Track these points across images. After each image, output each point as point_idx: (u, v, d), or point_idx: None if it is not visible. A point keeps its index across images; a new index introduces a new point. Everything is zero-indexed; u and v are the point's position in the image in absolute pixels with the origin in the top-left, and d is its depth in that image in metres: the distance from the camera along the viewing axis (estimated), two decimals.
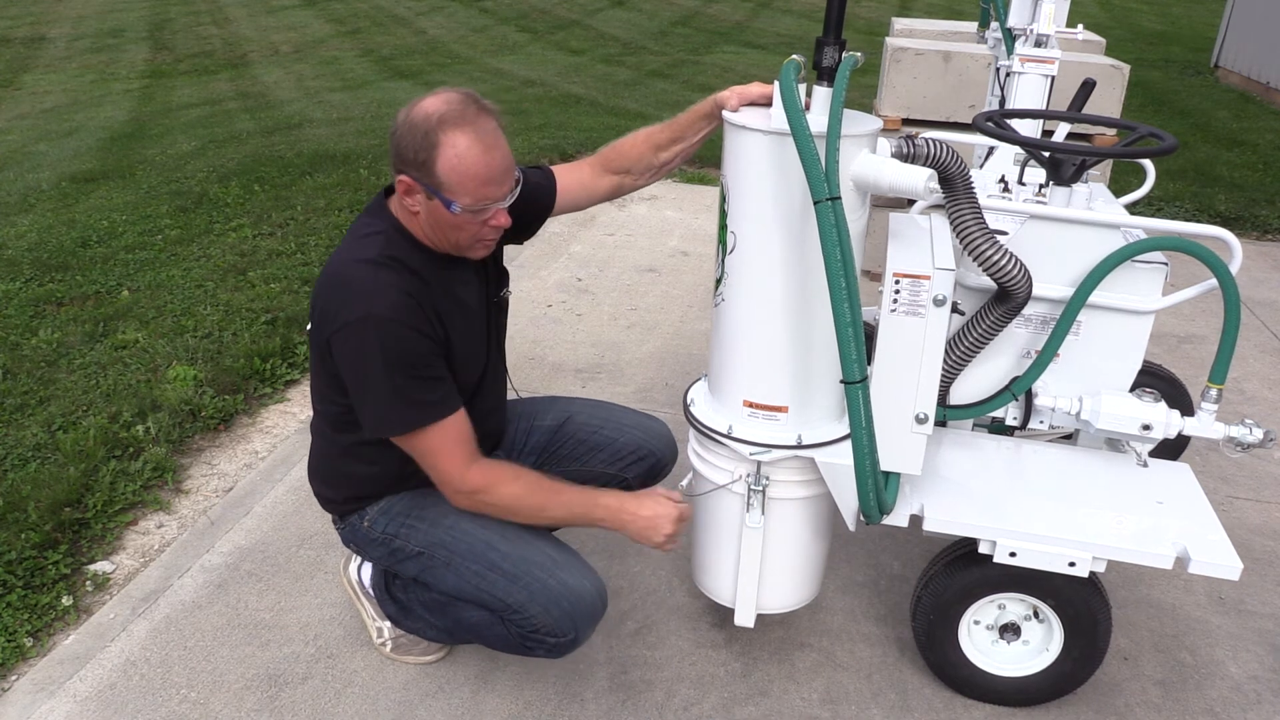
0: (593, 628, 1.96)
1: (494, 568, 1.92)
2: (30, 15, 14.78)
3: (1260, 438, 2.03)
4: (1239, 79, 9.98)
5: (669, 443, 2.32)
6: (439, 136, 1.69)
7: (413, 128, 1.71)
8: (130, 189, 5.79)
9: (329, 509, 2.11)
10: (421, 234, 1.86)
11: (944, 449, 2.18)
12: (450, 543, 1.96)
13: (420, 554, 1.98)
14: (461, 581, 1.95)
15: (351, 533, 2.06)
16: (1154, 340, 3.77)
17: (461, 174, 1.71)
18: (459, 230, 1.80)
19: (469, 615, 2.01)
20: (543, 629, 1.90)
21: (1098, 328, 2.07)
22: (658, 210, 5.58)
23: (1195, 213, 5.71)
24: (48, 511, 2.65)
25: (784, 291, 1.82)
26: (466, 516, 1.96)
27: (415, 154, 1.71)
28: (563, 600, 1.89)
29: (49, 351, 3.63)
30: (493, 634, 1.99)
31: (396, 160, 1.75)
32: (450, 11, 14.46)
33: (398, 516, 2.00)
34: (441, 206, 1.75)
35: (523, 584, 1.90)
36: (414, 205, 1.79)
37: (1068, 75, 3.60)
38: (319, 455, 2.07)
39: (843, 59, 1.71)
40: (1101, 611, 1.98)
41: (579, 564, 1.95)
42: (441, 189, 1.72)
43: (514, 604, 1.90)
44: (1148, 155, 1.98)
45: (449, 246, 1.86)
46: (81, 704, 2.07)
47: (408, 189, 1.76)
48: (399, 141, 1.73)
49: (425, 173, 1.72)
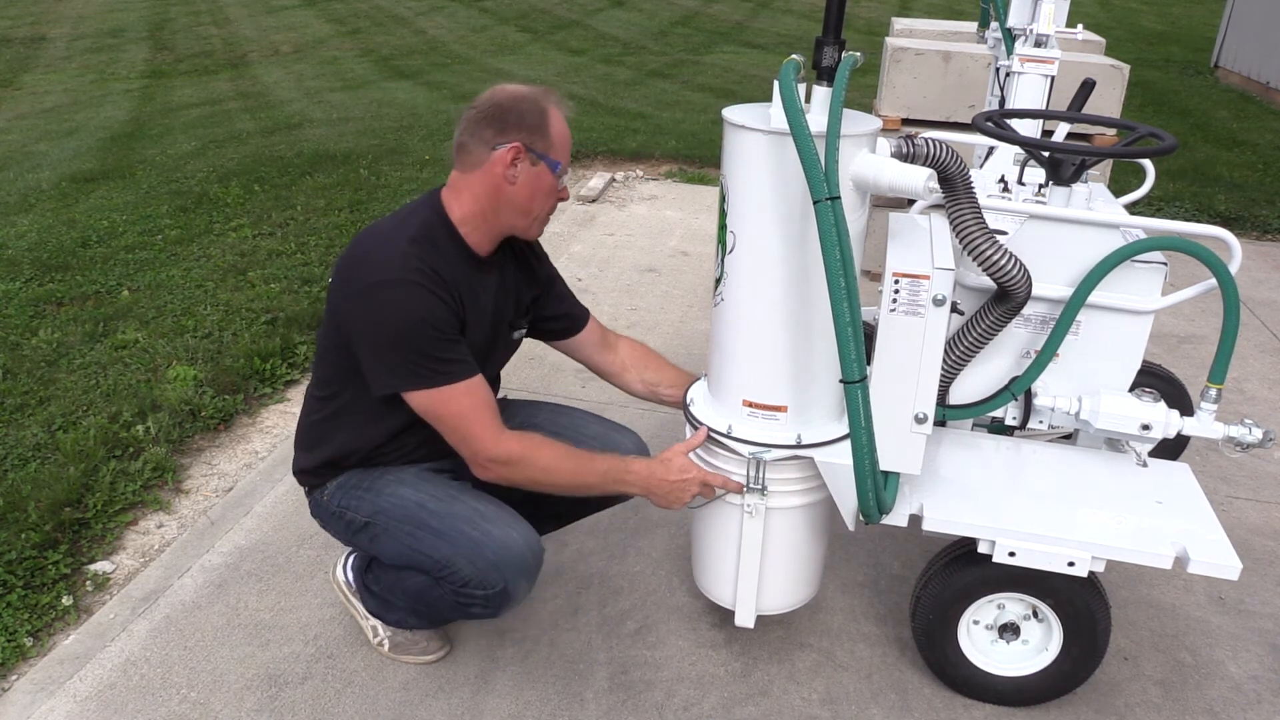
0: (525, 580, 1.93)
1: (423, 525, 1.94)
2: (30, 15, 14.78)
3: (1260, 437, 2.03)
4: (1239, 79, 9.98)
5: (637, 444, 2.24)
6: (546, 106, 1.88)
7: (522, 99, 1.87)
8: (130, 189, 5.80)
9: (303, 480, 2.12)
10: (483, 221, 1.91)
11: (943, 449, 2.18)
12: (388, 509, 1.98)
13: (367, 524, 2.00)
14: (399, 544, 1.97)
15: (316, 507, 2.10)
16: (1154, 340, 3.77)
17: (563, 138, 1.91)
18: (548, 199, 1.93)
19: (412, 582, 2.02)
20: (471, 582, 1.89)
21: (1097, 328, 2.07)
22: (658, 210, 5.58)
23: (1195, 213, 5.71)
24: (48, 511, 2.65)
25: (783, 291, 1.82)
26: (405, 484, 1.99)
27: (530, 119, 1.86)
28: (486, 550, 1.88)
29: (49, 351, 3.63)
30: (434, 597, 1.99)
31: (499, 131, 1.85)
32: (450, 11, 14.46)
33: (351, 490, 2.02)
34: (547, 170, 1.89)
35: (448, 538, 1.91)
36: (513, 175, 1.87)
37: (1068, 75, 3.60)
38: (304, 418, 2.09)
39: (842, 59, 1.71)
40: (1101, 611, 1.98)
41: (507, 516, 1.95)
42: (550, 151, 1.88)
43: (441, 559, 1.91)
44: (1147, 155, 1.98)
45: (519, 225, 1.95)
46: (81, 704, 2.07)
47: (516, 156, 1.86)
48: (506, 112, 1.85)
49: (539, 136, 1.87)
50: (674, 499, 1.98)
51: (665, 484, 1.97)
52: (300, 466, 2.10)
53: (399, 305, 1.79)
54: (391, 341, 1.81)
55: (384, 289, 1.80)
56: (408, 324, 1.79)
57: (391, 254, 1.83)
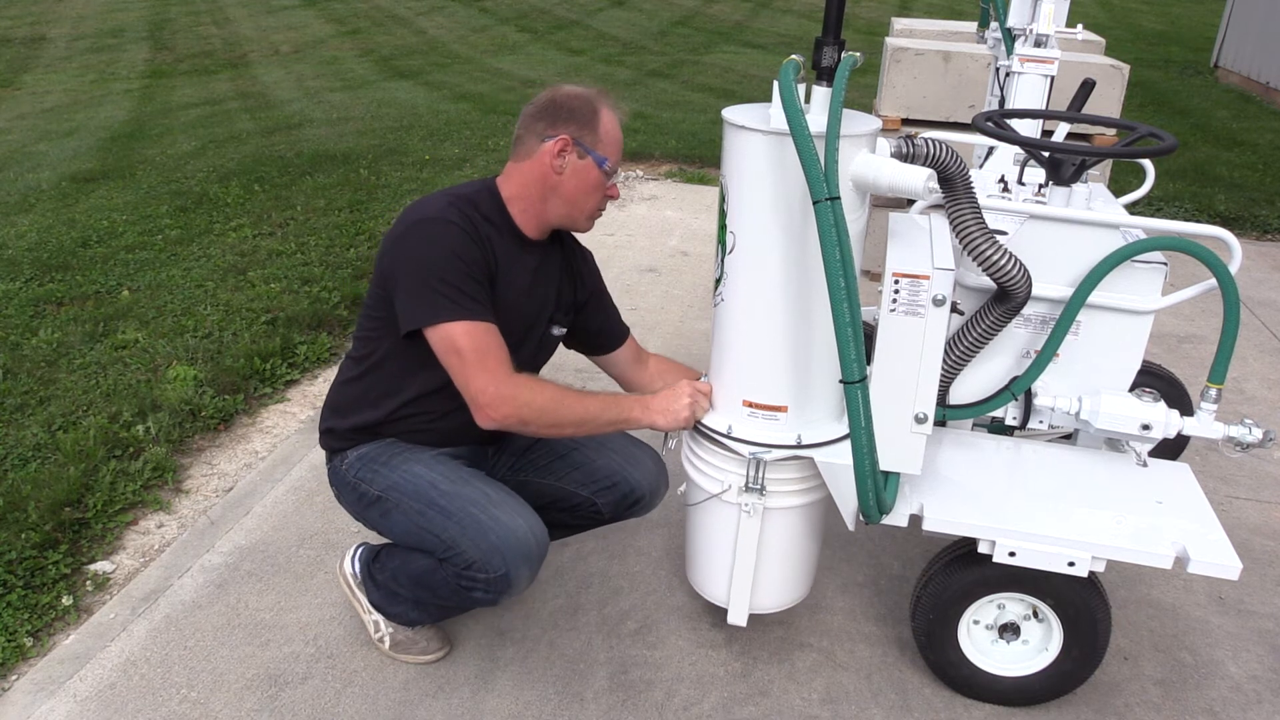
0: (528, 569, 1.93)
1: (432, 504, 1.95)
2: (30, 15, 14.78)
3: (1260, 437, 2.04)
4: (1239, 79, 9.99)
5: (651, 475, 2.19)
6: (598, 105, 1.97)
7: (574, 97, 1.96)
8: (130, 189, 5.80)
9: (325, 442, 2.14)
10: (530, 204, 2.00)
11: (944, 449, 2.18)
12: (401, 484, 2.00)
13: (379, 498, 2.02)
14: (407, 521, 1.98)
15: (334, 473, 2.12)
16: (1154, 340, 3.77)
17: (613, 137, 1.99)
18: (594, 193, 2.00)
19: (417, 564, 2.03)
20: (474, 564, 1.89)
21: (1097, 328, 2.07)
22: (658, 210, 5.59)
23: (1195, 213, 5.71)
24: (48, 511, 2.66)
25: (783, 291, 1.82)
26: (421, 463, 2.02)
27: (581, 115, 1.95)
28: (490, 534, 1.89)
29: (49, 351, 3.63)
30: (437, 580, 1.99)
31: (550, 124, 1.95)
32: (450, 11, 14.46)
33: (370, 463, 2.05)
34: (594, 165, 1.96)
35: (456, 519, 1.92)
36: (560, 166, 1.95)
37: (1068, 75, 3.60)
38: (339, 381, 2.14)
39: (842, 59, 1.71)
40: (1101, 611, 1.98)
41: (515, 503, 1.96)
42: (598, 146, 1.96)
43: (447, 539, 1.92)
44: (1147, 155, 1.98)
45: (565, 217, 2.02)
46: (81, 704, 2.08)
47: (563, 148, 1.94)
48: (559, 108, 1.95)
49: (588, 131, 1.95)
50: (670, 407, 1.99)
51: (658, 399, 2.01)
52: (326, 426, 2.14)
53: (431, 237, 1.89)
54: (421, 270, 1.88)
55: (420, 226, 1.92)
56: (437, 254, 1.87)
57: (432, 203, 1.96)
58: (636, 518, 2.27)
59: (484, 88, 9.01)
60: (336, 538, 2.63)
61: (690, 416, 1.99)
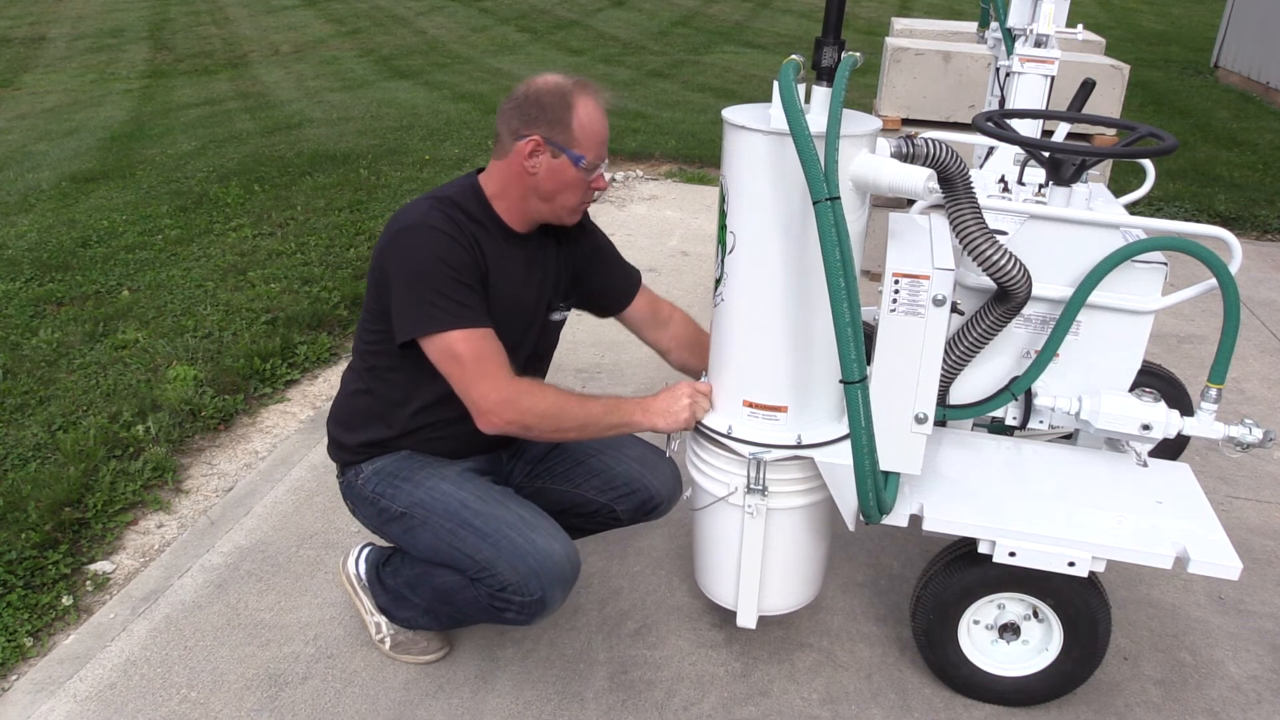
0: (561, 591, 1.94)
1: (466, 525, 1.94)
2: (30, 15, 14.78)
3: (1260, 437, 2.03)
4: (1239, 79, 9.99)
5: (669, 481, 2.22)
6: (574, 99, 1.89)
7: (547, 92, 1.89)
8: (130, 189, 5.80)
9: (337, 457, 2.13)
10: (512, 203, 1.97)
11: (944, 449, 2.18)
12: (428, 502, 1.98)
13: (403, 514, 2.01)
14: (437, 540, 1.97)
15: (349, 488, 2.10)
16: (1154, 340, 3.77)
17: (589, 132, 1.91)
18: (573, 190, 1.95)
19: (443, 580, 2.02)
20: (510, 587, 1.89)
21: (1097, 328, 2.07)
22: (658, 210, 5.59)
23: (1195, 213, 5.71)
24: (48, 511, 2.65)
25: (783, 291, 1.82)
26: (447, 479, 2.00)
27: (552, 112, 1.88)
28: (529, 557, 1.89)
29: (49, 351, 3.63)
30: (465, 598, 1.99)
31: (524, 123, 1.90)
32: (450, 11, 14.46)
33: (388, 477, 2.03)
34: (568, 163, 1.91)
35: (492, 540, 1.91)
36: (534, 166, 1.91)
37: (1068, 75, 3.60)
38: (343, 395, 2.12)
39: (842, 59, 1.71)
40: (1101, 611, 1.98)
41: (550, 527, 1.96)
42: (572, 145, 1.90)
43: (483, 561, 1.91)
44: (1148, 155, 1.98)
45: (546, 212, 1.98)
46: (81, 704, 2.07)
47: (535, 149, 1.89)
48: (531, 104, 1.89)
49: (560, 129, 1.88)
50: (670, 409, 1.98)
51: (658, 400, 2.00)
52: (335, 441, 2.13)
53: (417, 245, 1.87)
54: (410, 279, 1.86)
55: (404, 234, 1.90)
56: (425, 263, 1.86)
57: (415, 209, 1.93)
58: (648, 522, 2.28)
59: (484, 88, 9.01)
60: (336, 538, 2.63)
61: (690, 418, 1.98)
